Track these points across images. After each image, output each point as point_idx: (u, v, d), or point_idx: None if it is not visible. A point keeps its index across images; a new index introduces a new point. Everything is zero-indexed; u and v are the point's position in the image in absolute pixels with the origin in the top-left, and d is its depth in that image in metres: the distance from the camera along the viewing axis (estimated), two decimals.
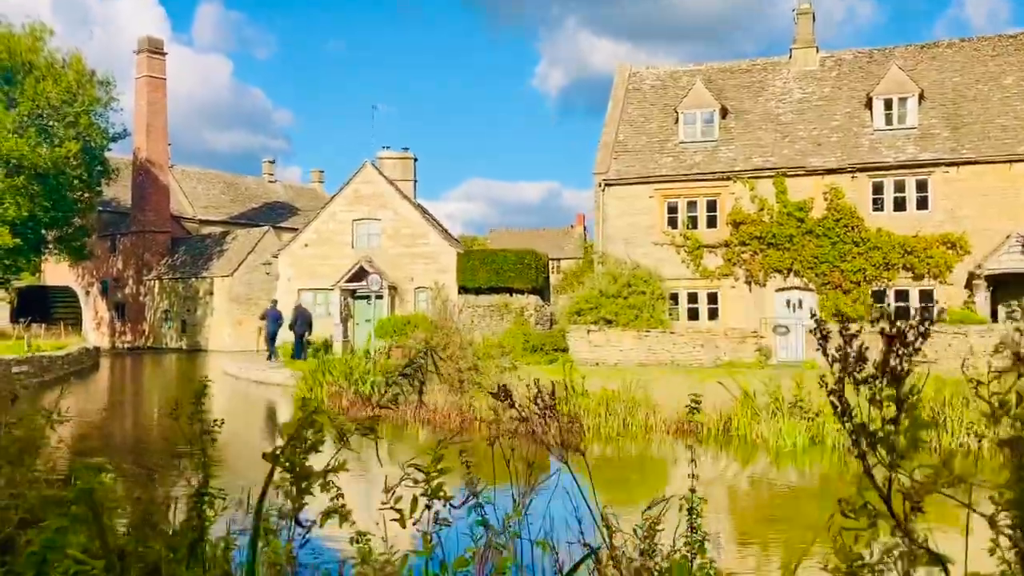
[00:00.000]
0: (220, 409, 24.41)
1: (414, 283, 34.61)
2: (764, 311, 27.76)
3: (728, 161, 29.13)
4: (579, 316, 25.98)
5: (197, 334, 49.21)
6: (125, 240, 53.61)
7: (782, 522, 11.03)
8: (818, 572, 1.82)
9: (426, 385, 21.01)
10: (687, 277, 28.69)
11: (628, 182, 29.67)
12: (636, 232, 29.27)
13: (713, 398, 17.60)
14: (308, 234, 36.10)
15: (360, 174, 35.75)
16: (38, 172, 37.83)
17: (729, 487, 13.49)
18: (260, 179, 67.10)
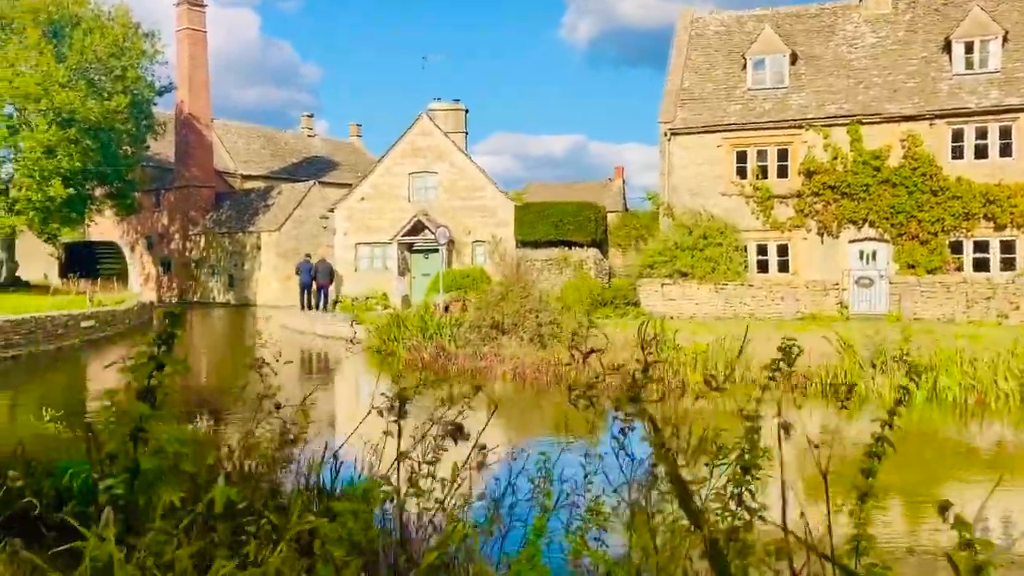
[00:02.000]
0: (306, 365, 24.36)
1: (471, 236, 34.20)
2: (837, 263, 27.13)
3: (799, 108, 28.29)
4: (652, 269, 25.50)
5: (245, 288, 49.25)
6: (170, 195, 53.54)
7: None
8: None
9: (508, 338, 20.70)
10: (757, 228, 28.05)
11: (695, 131, 28.94)
12: (703, 182, 28.61)
13: (811, 351, 17.14)
14: (364, 188, 35.69)
15: (416, 126, 35.18)
16: (88, 126, 37.57)
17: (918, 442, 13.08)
18: (299, 133, 66.66)
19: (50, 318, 24.82)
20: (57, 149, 35.55)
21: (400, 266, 34.84)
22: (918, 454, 11.97)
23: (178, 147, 52.24)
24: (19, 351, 22.81)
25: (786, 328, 19.93)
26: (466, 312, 26.32)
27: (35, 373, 21.55)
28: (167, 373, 2.75)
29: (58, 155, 35.63)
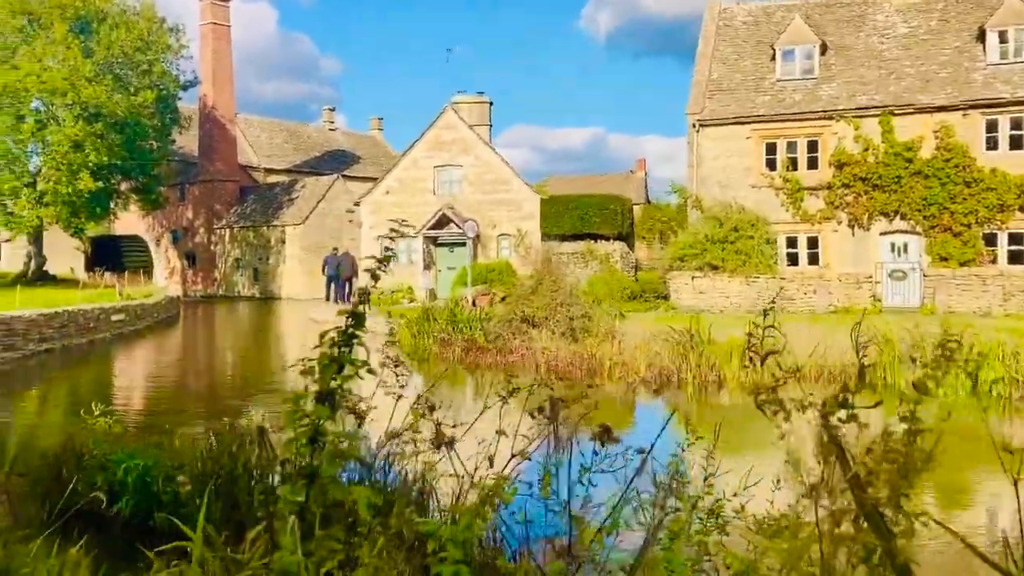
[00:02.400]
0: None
1: (496, 230, 34.13)
2: (867, 255, 26.87)
3: (829, 99, 28.01)
4: (682, 262, 25.34)
5: (270, 282, 49.46)
6: (194, 189, 53.82)
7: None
8: None
9: (538, 331, 20.63)
10: (786, 221, 27.81)
11: (724, 122, 28.71)
12: (732, 174, 28.39)
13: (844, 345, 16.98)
14: (390, 181, 35.70)
15: (441, 119, 35.14)
16: (115, 120, 37.78)
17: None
18: (320, 127, 66.81)
19: (82, 312, 24.99)
20: (84, 143, 35.77)
21: (425, 260, 34.84)
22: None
23: (202, 141, 52.48)
24: (52, 344, 22.97)
25: (821, 322, 19.74)
26: (493, 305, 26.30)
27: (71, 366, 21.70)
28: (347, 375, 2.68)
29: (85, 149, 35.85)
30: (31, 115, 36.39)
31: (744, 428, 11.53)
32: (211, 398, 17.01)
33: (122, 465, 7.76)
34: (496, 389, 5.04)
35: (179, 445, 8.47)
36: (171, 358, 24.93)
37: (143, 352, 25.46)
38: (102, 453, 8.17)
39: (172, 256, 55.57)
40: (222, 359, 24.38)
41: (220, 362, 23.79)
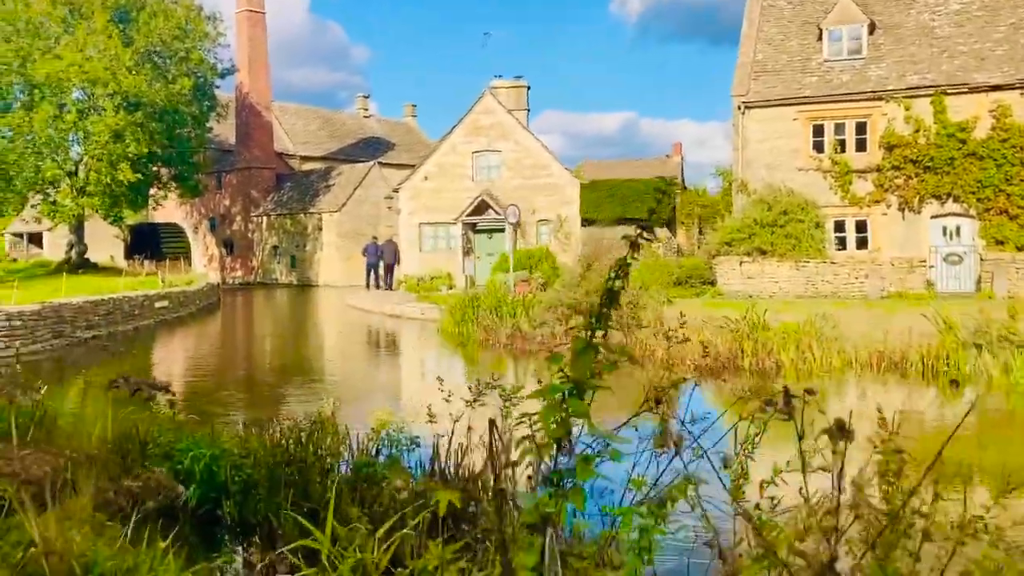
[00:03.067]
0: (385, 344, 24.31)
1: (535, 216, 33.81)
2: (918, 239, 26.23)
3: (879, 80, 27.32)
4: (729, 247, 24.88)
5: (307, 269, 49.58)
6: (231, 177, 54.03)
7: None
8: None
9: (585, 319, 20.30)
10: (834, 204, 27.21)
11: (770, 104, 28.12)
12: (779, 157, 27.83)
13: (900, 330, 16.54)
14: (428, 167, 35.49)
15: (479, 104, 34.84)
16: (154, 109, 37.95)
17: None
18: (355, 114, 66.77)
19: (127, 299, 25.10)
20: (125, 133, 35.95)
21: (464, 246, 34.64)
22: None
23: (239, 129, 52.64)
24: (99, 331, 23.09)
25: (875, 307, 19.25)
26: (533, 292, 26.04)
27: (119, 353, 21.78)
28: (603, 362, 2.43)
29: (126, 139, 36.04)
30: (73, 105, 36.62)
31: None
32: (264, 385, 16.94)
33: (189, 453, 7.62)
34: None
35: (244, 433, 8.31)
36: (218, 345, 24.98)
37: (189, 339, 25.54)
38: (167, 441, 8.03)
39: (210, 243, 55.91)
40: (269, 346, 24.37)
41: (267, 349, 23.79)
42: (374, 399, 14.45)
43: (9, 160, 35.54)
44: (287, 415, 9.26)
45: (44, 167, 36.16)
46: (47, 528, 4.71)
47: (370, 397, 14.94)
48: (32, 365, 18.49)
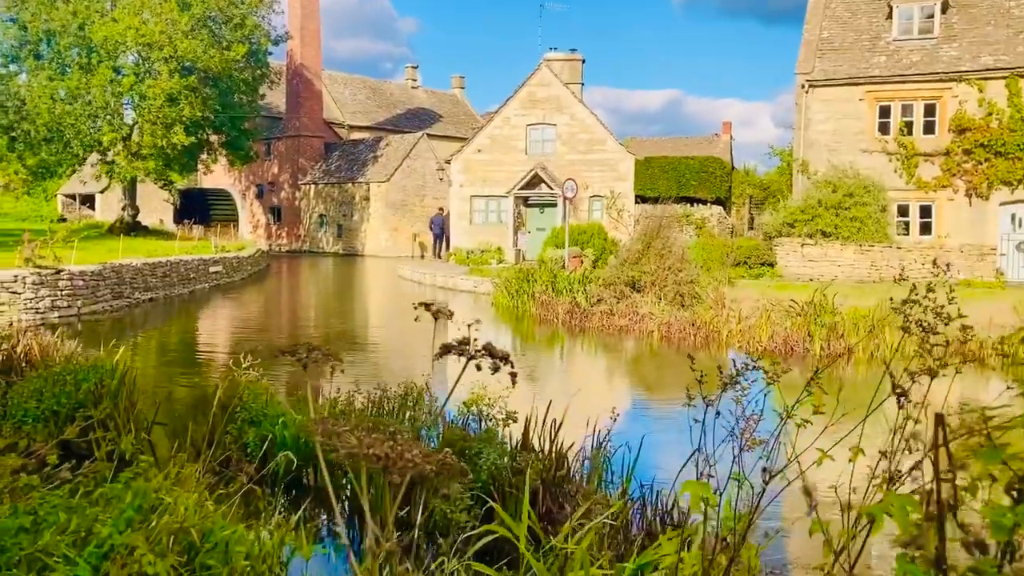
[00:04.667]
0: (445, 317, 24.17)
1: (588, 191, 33.41)
2: (984, 226, 25.52)
3: (951, 61, 26.49)
4: (792, 228, 24.37)
5: (353, 239, 49.66)
6: (280, 144, 54.17)
7: None
8: None
9: (642, 296, 20.03)
10: (898, 188, 26.54)
11: (836, 83, 27.43)
12: (842, 138, 27.17)
13: (976, 319, 16.00)
14: (481, 139, 35.19)
15: (535, 76, 34.40)
16: (208, 74, 38.01)
17: None
18: (403, 85, 66.50)
19: (183, 262, 25.24)
20: (179, 98, 36.06)
21: (515, 220, 34.38)
22: None
23: (289, 97, 52.68)
24: (155, 294, 23.24)
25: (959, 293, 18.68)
26: (584, 268, 25.76)
27: (178, 316, 21.90)
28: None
29: (180, 103, 36.15)
30: (129, 69, 36.79)
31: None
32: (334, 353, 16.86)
33: (280, 419, 7.51)
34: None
35: (332, 401, 8.19)
36: (276, 311, 25.06)
37: (246, 303, 25.65)
38: (258, 407, 7.94)
39: (257, 210, 56.22)
40: (327, 314, 24.36)
41: (325, 316, 23.77)
42: (449, 373, 14.33)
43: (66, 123, 35.84)
44: (366, 384, 9.14)
45: (102, 131, 36.43)
46: (164, 493, 4.60)
47: (443, 371, 14.80)
48: (93, 325, 18.65)
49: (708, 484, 2.61)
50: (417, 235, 47.84)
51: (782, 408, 3.05)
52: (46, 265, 19.22)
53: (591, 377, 15.21)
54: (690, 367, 3.35)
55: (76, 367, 9.00)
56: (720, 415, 3.29)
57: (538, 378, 14.21)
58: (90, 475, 4.67)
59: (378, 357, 16.54)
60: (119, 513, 3.75)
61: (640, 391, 14.36)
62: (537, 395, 7.91)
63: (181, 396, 10.19)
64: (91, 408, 8.33)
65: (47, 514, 3.57)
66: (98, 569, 3.79)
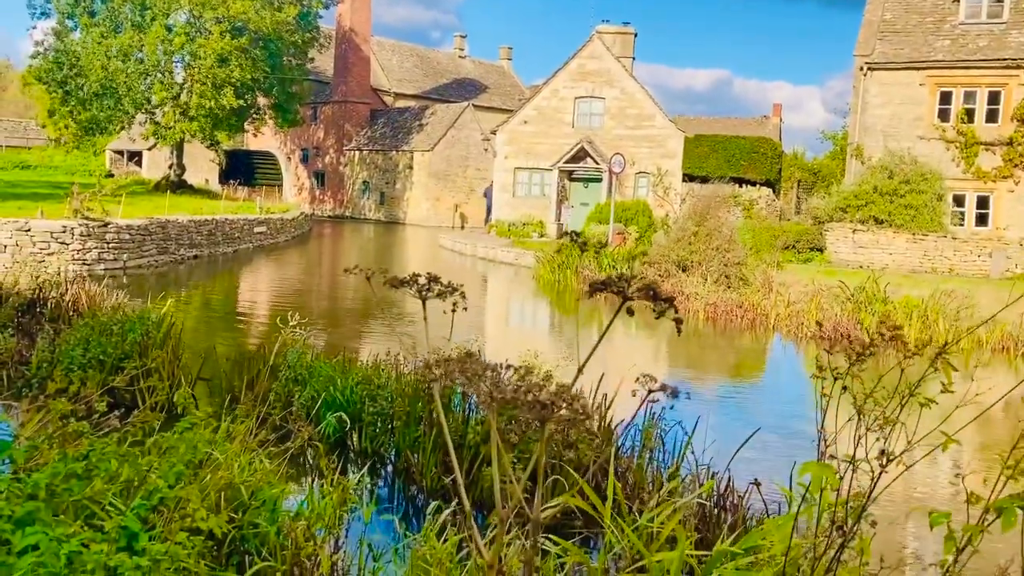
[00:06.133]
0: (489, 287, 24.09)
1: (635, 168, 32.94)
2: None
3: (1020, 47, 25.60)
4: (844, 213, 23.83)
5: (395, 207, 49.67)
6: (326, 109, 54.19)
7: None
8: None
9: (687, 276, 19.71)
10: (955, 177, 25.79)
11: (896, 66, 26.65)
12: (899, 124, 26.43)
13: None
14: (528, 111, 34.83)
15: (586, 48, 33.89)
16: (259, 36, 38.01)
17: None
18: (450, 54, 66.09)
19: (228, 221, 25.35)
20: (230, 58, 36.12)
21: (559, 194, 34.05)
22: None
23: (337, 61, 52.63)
24: (200, 252, 23.37)
25: (1003, 288, 18.14)
26: (626, 245, 25.45)
27: (223, 274, 22.00)
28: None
29: (231, 64, 36.21)
30: (180, 28, 36.88)
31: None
32: (381, 316, 16.84)
33: (334, 380, 7.41)
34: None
35: (377, 361, 8.07)
36: (320, 274, 25.10)
37: (289, 264, 25.74)
38: (303, 366, 7.84)
39: (301, 174, 56.41)
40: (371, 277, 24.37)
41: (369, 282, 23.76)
42: (494, 341, 14.20)
43: (118, 80, 36.08)
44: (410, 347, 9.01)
45: (152, 88, 36.65)
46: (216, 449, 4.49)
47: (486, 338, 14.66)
48: (138, 279, 18.78)
49: (831, 466, 2.41)
50: (458, 206, 47.71)
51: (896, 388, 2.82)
52: (94, 217, 19.37)
53: (636, 354, 14.98)
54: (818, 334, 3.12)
55: (123, 318, 8.99)
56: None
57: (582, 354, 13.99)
58: (138, 424, 4.58)
59: (418, 324, 16.44)
60: (169, 467, 3.64)
61: (688, 370, 14.12)
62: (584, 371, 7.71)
63: (224, 352, 10.15)
64: (136, 359, 8.31)
65: (99, 461, 3.46)
66: (146, 520, 3.69)
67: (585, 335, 17.10)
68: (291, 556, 3.90)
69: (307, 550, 3.67)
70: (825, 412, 2.56)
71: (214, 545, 3.87)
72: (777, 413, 11.02)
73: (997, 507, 1.99)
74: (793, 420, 10.31)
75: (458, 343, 8.34)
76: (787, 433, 9.42)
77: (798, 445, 9.46)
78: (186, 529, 3.28)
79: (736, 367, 14.30)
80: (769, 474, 6.10)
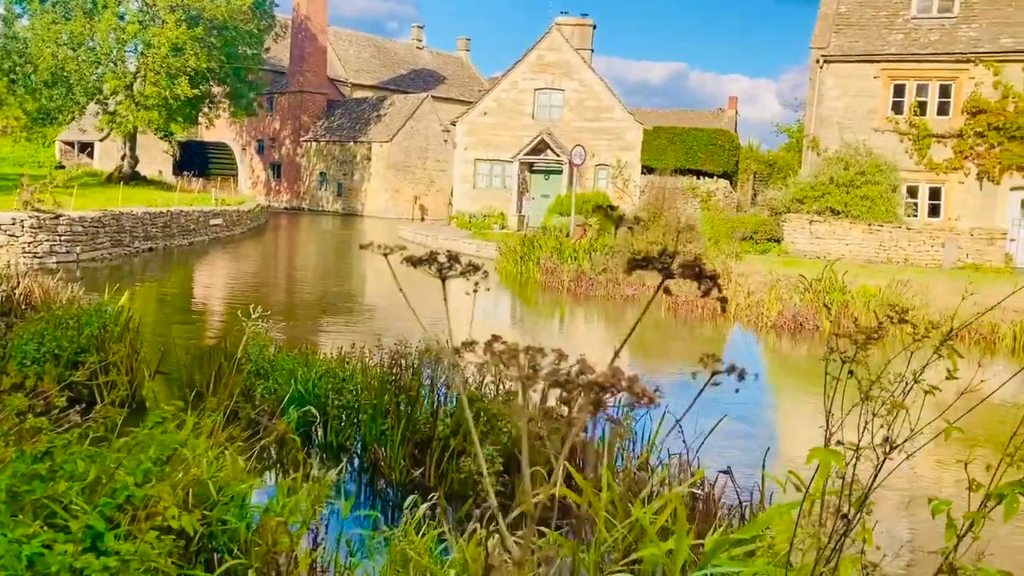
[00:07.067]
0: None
1: (594, 160, 33.00)
2: (994, 211, 25.30)
3: (969, 41, 26.09)
4: (801, 204, 24.12)
5: (353, 198, 49.24)
6: (282, 100, 53.51)
7: None
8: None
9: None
10: (908, 169, 26.25)
11: (851, 59, 27.00)
12: (854, 116, 26.81)
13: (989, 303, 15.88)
14: (487, 102, 34.70)
15: (545, 40, 33.84)
16: (214, 24, 37.35)
17: None
18: (408, 45, 65.66)
19: (184, 213, 24.92)
20: (185, 47, 35.46)
21: (520, 186, 34.00)
22: None
23: (293, 51, 51.95)
24: (155, 244, 22.95)
25: (957, 277, 18.53)
26: (587, 237, 25.51)
27: (179, 266, 21.62)
28: None
29: (185, 53, 35.55)
30: (134, 16, 36.11)
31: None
32: (339, 309, 16.68)
33: (295, 373, 7.29)
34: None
35: (342, 356, 7.96)
36: (277, 266, 24.80)
37: (247, 257, 25.40)
38: (265, 359, 7.72)
39: (256, 166, 55.66)
40: (327, 271, 24.13)
41: (326, 274, 23.54)
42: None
43: (69, 68, 35.24)
44: (372, 341, 8.91)
45: (105, 78, 35.85)
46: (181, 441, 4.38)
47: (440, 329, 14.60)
48: (92, 272, 18.38)
49: (840, 452, 2.40)
50: (418, 197, 47.47)
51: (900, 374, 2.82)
52: (45, 209, 18.91)
53: (600, 344, 15.02)
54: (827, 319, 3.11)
55: (79, 311, 8.76)
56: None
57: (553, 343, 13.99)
58: (100, 420, 4.45)
59: (379, 317, 16.33)
60: (136, 464, 3.54)
61: (651, 360, 14.19)
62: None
63: (184, 345, 9.96)
64: (94, 353, 8.11)
65: (64, 462, 3.35)
66: (111, 519, 3.58)
67: (547, 326, 17.12)
68: (264, 553, 3.82)
69: (283, 546, 3.59)
70: (832, 397, 2.55)
71: (183, 543, 3.77)
72: (737, 400, 11.11)
73: (997, 494, 2.00)
74: (754, 408, 10.43)
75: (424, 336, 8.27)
76: (750, 421, 9.52)
77: (752, 434, 9.56)
78: (156, 528, 3.18)
79: (697, 356, 14.38)
80: (734, 461, 6.15)
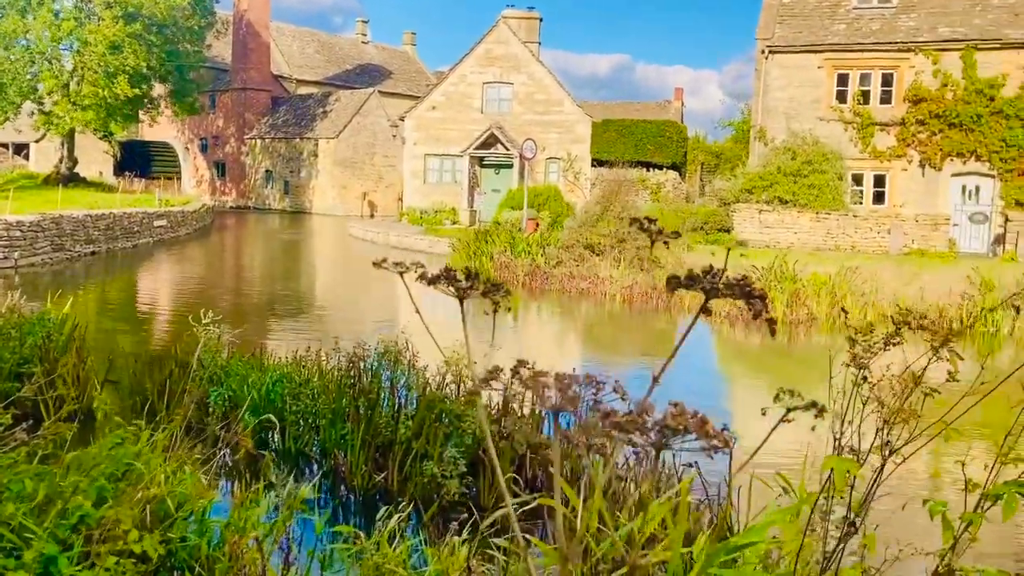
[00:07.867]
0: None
1: (545, 153, 32.97)
2: (936, 197, 25.83)
3: (909, 31, 26.56)
4: (750, 194, 24.35)
5: (301, 196, 48.60)
6: (225, 97, 52.59)
7: None
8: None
9: (601, 260, 19.84)
10: (853, 157, 26.67)
11: (795, 50, 27.32)
12: (800, 106, 27.15)
13: (934, 288, 16.27)
14: (436, 96, 34.44)
15: (492, 33, 33.69)
16: (153, 22, 36.51)
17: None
18: (353, 40, 64.97)
19: (127, 215, 24.33)
20: (123, 45, 34.59)
21: (470, 180, 33.83)
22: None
23: (235, 48, 51.06)
24: (98, 247, 22.35)
25: (904, 263, 18.88)
26: (539, 231, 25.47)
27: (122, 270, 21.08)
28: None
29: (124, 51, 34.69)
30: (69, 13, 35.12)
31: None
32: (288, 310, 16.39)
33: (248, 379, 7.09)
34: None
35: (299, 360, 7.78)
36: (225, 267, 24.33)
37: (193, 259, 24.87)
38: (218, 365, 7.50)
39: (200, 165, 54.65)
40: (277, 271, 23.75)
41: (276, 274, 23.16)
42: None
43: (3, 68, 34.16)
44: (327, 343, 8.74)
45: (41, 77, 34.82)
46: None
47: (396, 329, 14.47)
48: (32, 278, 17.82)
49: (854, 461, 2.34)
50: (367, 194, 47.02)
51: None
52: None
53: (556, 339, 15.01)
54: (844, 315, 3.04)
55: (21, 320, 8.44)
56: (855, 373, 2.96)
57: (512, 341, 13.92)
58: (49, 437, 4.25)
59: (332, 318, 16.10)
60: (90, 482, 3.36)
61: (606, 352, 14.20)
62: (514, 357, 7.61)
63: (133, 352, 9.67)
64: (38, 364, 7.81)
65: (10, 482, 3.16)
66: (65, 542, 3.40)
67: (505, 322, 17.04)
68: (226, 569, 3.67)
69: (251, 561, 3.44)
70: (832, 398, 2.49)
71: (141, 563, 3.60)
72: (691, 390, 11.17)
73: (994, 494, 1.96)
74: (703, 397, 10.49)
75: (383, 335, 8.13)
76: (703, 409, 9.53)
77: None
78: (115, 552, 3.02)
79: (651, 347, 14.44)
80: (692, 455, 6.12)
